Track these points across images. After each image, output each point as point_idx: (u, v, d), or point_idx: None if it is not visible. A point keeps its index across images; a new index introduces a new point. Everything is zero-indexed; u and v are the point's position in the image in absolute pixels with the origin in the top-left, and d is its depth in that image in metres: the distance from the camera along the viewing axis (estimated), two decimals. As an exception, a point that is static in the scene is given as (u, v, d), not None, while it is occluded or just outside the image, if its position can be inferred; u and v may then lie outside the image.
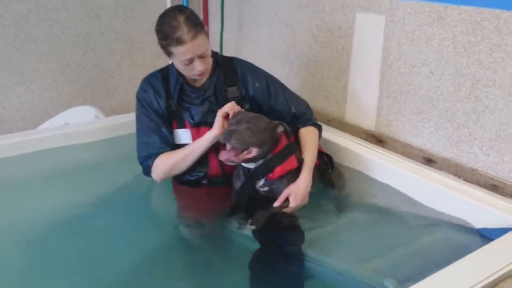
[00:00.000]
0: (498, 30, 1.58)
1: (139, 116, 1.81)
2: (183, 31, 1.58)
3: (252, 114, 1.66)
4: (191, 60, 1.64)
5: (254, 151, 1.60)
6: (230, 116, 1.66)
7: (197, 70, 1.67)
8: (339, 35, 2.16)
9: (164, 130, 1.77)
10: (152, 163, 1.76)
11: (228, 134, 1.56)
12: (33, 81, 2.61)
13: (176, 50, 1.62)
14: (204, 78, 1.78)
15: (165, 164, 1.75)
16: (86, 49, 2.73)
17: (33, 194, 1.92)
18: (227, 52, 2.84)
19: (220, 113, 1.67)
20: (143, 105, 1.79)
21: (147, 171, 1.80)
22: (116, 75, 2.88)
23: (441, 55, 1.77)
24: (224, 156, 1.60)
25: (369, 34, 2.03)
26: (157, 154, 1.76)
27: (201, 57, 1.65)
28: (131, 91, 2.87)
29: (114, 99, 2.91)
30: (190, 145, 1.75)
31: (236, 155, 1.59)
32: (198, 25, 1.62)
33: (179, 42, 1.59)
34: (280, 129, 1.67)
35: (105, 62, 2.82)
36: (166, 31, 1.61)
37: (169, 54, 1.67)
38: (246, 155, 1.60)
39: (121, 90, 2.92)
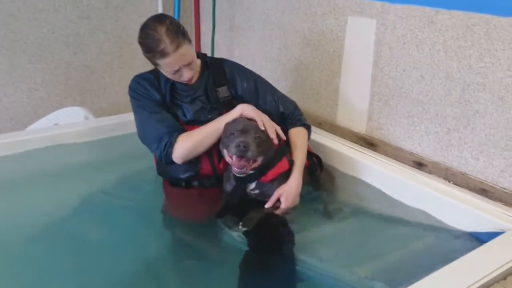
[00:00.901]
0: (488, 35, 1.60)
1: (138, 110, 1.76)
2: (166, 44, 1.59)
3: (249, 121, 1.65)
4: (177, 70, 1.66)
5: (260, 160, 1.61)
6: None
7: (185, 77, 1.70)
8: (331, 38, 2.17)
9: (168, 116, 1.73)
10: (175, 140, 1.66)
11: (243, 148, 1.52)
12: (22, 81, 2.59)
13: (161, 62, 1.63)
14: (194, 78, 1.79)
15: (190, 140, 1.66)
16: (76, 49, 2.71)
17: (21, 195, 1.90)
18: (218, 55, 2.83)
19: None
20: (139, 99, 1.76)
21: (168, 151, 1.67)
22: (106, 76, 2.86)
23: (432, 59, 1.78)
24: (237, 166, 1.57)
25: (360, 37, 2.03)
26: (177, 129, 1.68)
27: (188, 65, 1.67)
28: (122, 92, 2.85)
29: (104, 100, 2.89)
30: (211, 123, 1.68)
31: (245, 168, 1.57)
32: (179, 35, 1.62)
33: (163, 54, 1.60)
34: (276, 141, 1.67)
35: (95, 63, 2.80)
36: (149, 44, 1.61)
37: (155, 65, 1.68)
38: (253, 164, 1.60)
39: (111, 91, 2.90)
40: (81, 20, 2.68)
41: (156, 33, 1.59)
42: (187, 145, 1.66)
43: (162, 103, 1.77)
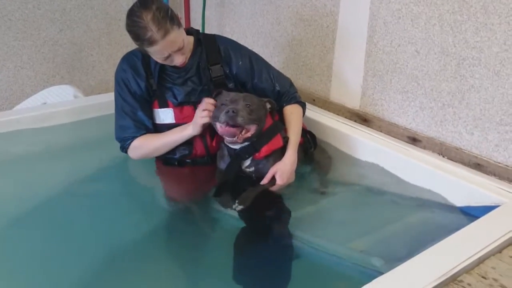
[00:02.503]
0: (485, 8, 1.58)
1: (116, 96, 1.78)
2: (153, 31, 1.53)
3: (241, 93, 1.64)
4: (168, 56, 1.62)
5: (252, 129, 1.59)
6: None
7: (176, 63, 1.66)
8: (324, 13, 2.13)
9: (140, 113, 1.75)
10: (128, 146, 1.77)
11: (232, 113, 1.52)
12: (8, 60, 2.53)
13: (150, 49, 1.59)
14: (186, 59, 1.73)
15: (141, 149, 1.77)
16: (62, 26, 2.65)
17: (10, 176, 1.88)
18: (209, 30, 2.78)
19: (201, 114, 1.64)
20: (120, 86, 1.76)
21: (123, 151, 1.81)
22: (94, 53, 2.80)
23: (427, 34, 1.76)
24: (228, 134, 1.56)
25: (354, 12, 2.00)
26: (132, 138, 1.75)
27: (178, 50, 1.62)
28: (110, 69, 2.80)
29: (92, 78, 2.84)
30: (168, 135, 1.73)
31: (236, 136, 1.56)
32: (167, 20, 1.56)
33: (151, 42, 1.55)
34: (268, 105, 1.66)
35: (83, 40, 2.74)
36: (136, 32, 1.56)
37: (145, 51, 1.64)
38: (245, 134, 1.58)
39: (99, 69, 2.85)
40: (67, -5, 2.62)
41: (142, 20, 1.53)
42: (142, 151, 1.77)
43: (143, 93, 1.73)
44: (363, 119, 2.08)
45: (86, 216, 1.69)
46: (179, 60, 1.65)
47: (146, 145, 1.75)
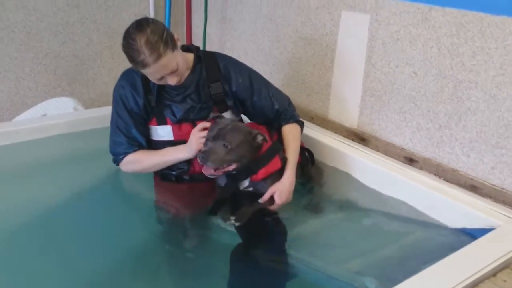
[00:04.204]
0: (482, 33, 1.60)
1: (112, 112, 1.80)
2: (145, 55, 1.53)
3: (230, 123, 1.62)
4: (162, 77, 1.63)
5: (233, 165, 1.60)
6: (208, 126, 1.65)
7: (171, 83, 1.66)
8: (324, 32, 2.16)
9: (134, 131, 1.76)
10: (120, 161, 1.79)
11: (204, 155, 1.55)
12: (9, 71, 2.54)
13: (144, 71, 1.60)
14: (185, 75, 1.74)
15: (134, 165, 1.79)
16: (65, 38, 2.67)
17: (9, 187, 1.88)
18: (210, 47, 2.81)
19: (199, 140, 1.65)
20: (117, 102, 1.77)
21: (116, 164, 1.83)
22: (95, 66, 2.82)
23: (425, 56, 1.78)
24: (206, 171, 1.59)
25: (353, 32, 2.03)
26: (124, 154, 1.77)
27: (171, 73, 1.62)
28: (111, 83, 2.79)
29: (93, 91, 2.86)
30: (162, 155, 1.75)
31: (216, 170, 1.58)
32: (161, 44, 1.55)
33: (143, 65, 1.56)
34: (259, 138, 1.64)
35: (85, 53, 2.76)
36: (130, 54, 1.57)
37: (140, 72, 1.65)
38: (226, 168, 1.60)
39: (100, 82, 2.86)
40: (70, 9, 2.64)
41: (135, 43, 1.54)
42: (135, 167, 1.80)
43: (140, 110, 1.74)
44: (360, 138, 2.09)
45: (82, 229, 1.69)
46: (173, 81, 1.65)
47: (139, 162, 1.77)
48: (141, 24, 1.58)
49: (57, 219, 1.75)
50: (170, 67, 1.60)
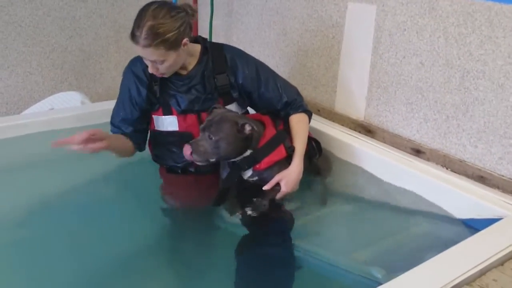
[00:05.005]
0: (490, 22, 1.59)
1: (120, 86, 1.82)
2: (140, 35, 1.55)
3: (220, 114, 1.61)
4: (145, 59, 1.63)
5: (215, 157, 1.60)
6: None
7: (149, 70, 1.66)
8: (330, 24, 2.15)
9: (120, 117, 1.79)
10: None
11: (191, 147, 1.56)
12: (17, 65, 2.56)
13: (133, 44, 1.61)
14: (191, 66, 1.74)
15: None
16: (72, 33, 2.68)
17: (17, 180, 1.89)
18: (216, 39, 2.80)
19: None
20: (124, 81, 1.80)
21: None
22: (102, 61, 2.83)
23: (432, 46, 1.77)
24: (185, 152, 1.60)
25: (360, 24, 2.02)
26: (124, 126, 1.78)
27: (152, 62, 1.62)
28: (118, 77, 2.79)
29: (100, 85, 2.87)
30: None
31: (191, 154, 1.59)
32: (158, 39, 1.55)
33: (133, 39, 1.58)
34: (247, 128, 1.59)
35: (91, 47, 2.77)
36: (135, 20, 1.58)
37: None
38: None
39: (107, 76, 2.87)
40: (77, 3, 2.65)
41: (142, 20, 1.55)
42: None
43: (142, 101, 1.75)
44: (367, 130, 2.08)
45: (89, 220, 1.71)
46: (150, 69, 1.64)
47: (117, 144, 1.77)
48: (161, 7, 1.58)
49: (64, 211, 1.76)
50: (154, 58, 1.60)
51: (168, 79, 1.73)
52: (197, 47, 1.77)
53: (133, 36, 1.57)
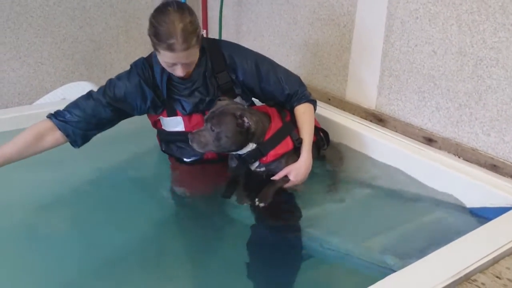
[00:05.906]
0: (504, 9, 1.57)
1: (117, 78, 1.80)
2: (177, 41, 1.49)
3: (222, 106, 1.61)
4: (174, 64, 1.58)
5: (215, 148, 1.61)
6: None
7: (178, 73, 1.61)
8: (341, 12, 2.14)
9: (102, 111, 1.74)
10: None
11: (192, 137, 1.59)
12: (29, 56, 2.57)
13: (164, 52, 1.54)
14: (190, 70, 1.70)
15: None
16: (82, 23, 2.68)
17: (29, 170, 1.90)
18: (226, 29, 2.80)
19: None
20: (121, 77, 1.78)
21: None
22: (112, 51, 2.84)
23: (445, 34, 1.76)
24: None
25: (371, 12, 2.00)
26: (68, 112, 1.73)
27: (186, 64, 1.59)
28: (128, 67, 2.83)
29: (110, 75, 2.82)
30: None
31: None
32: (194, 38, 1.53)
33: (170, 49, 1.51)
34: (246, 121, 1.58)
35: (102, 37, 2.78)
36: (160, 32, 1.51)
37: (155, 49, 1.58)
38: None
39: (117, 66, 2.88)
40: (87, -7, 2.65)
41: (173, 25, 1.49)
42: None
43: (149, 104, 1.72)
44: (378, 119, 2.08)
45: (101, 209, 1.73)
46: (180, 73, 1.60)
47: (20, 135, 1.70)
48: (182, 9, 1.54)
49: (75, 200, 1.79)
50: (191, 59, 1.58)
51: (171, 83, 1.71)
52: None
53: (169, 46, 1.50)
